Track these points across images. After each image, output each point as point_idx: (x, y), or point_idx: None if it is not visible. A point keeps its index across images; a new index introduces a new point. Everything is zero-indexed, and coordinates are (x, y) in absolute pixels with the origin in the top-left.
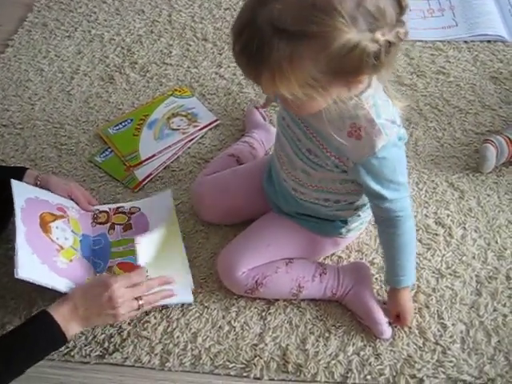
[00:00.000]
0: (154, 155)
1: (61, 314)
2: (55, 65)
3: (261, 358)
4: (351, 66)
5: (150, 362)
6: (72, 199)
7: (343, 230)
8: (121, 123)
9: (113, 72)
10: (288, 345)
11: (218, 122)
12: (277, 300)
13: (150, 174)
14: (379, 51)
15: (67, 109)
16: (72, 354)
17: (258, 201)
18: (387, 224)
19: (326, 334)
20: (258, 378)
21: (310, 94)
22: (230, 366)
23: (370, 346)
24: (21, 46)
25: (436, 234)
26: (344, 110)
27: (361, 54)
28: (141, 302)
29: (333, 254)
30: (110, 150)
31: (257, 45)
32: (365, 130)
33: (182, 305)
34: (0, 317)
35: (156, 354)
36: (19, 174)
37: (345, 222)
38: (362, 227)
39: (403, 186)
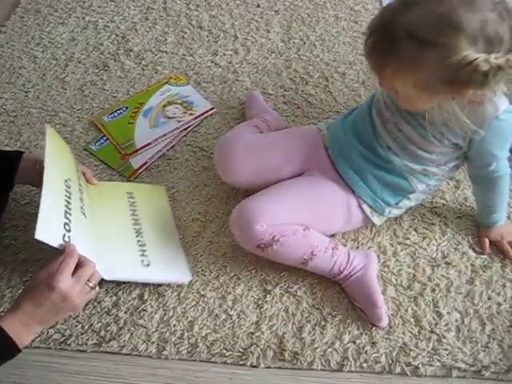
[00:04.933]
0: (149, 143)
1: (14, 328)
2: (49, 52)
3: (257, 346)
4: (461, 79)
5: (146, 350)
6: None
7: (387, 210)
8: (116, 111)
9: (107, 59)
10: (284, 333)
11: (214, 110)
12: (274, 288)
13: (146, 163)
14: (488, 72)
15: (61, 96)
16: (68, 342)
17: (293, 168)
18: (487, 183)
19: (323, 323)
20: (255, 366)
21: (420, 94)
22: (227, 354)
23: (366, 334)
24: (13, 33)
25: (432, 224)
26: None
27: (473, 70)
28: (91, 284)
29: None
30: (105, 138)
31: (389, 43)
32: (486, 97)
33: (179, 294)
34: None
35: (153, 343)
36: (14, 159)
37: (394, 203)
38: (395, 214)
39: (508, 149)
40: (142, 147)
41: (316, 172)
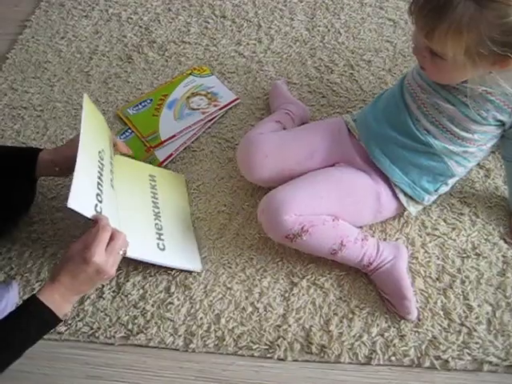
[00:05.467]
0: (174, 135)
1: (52, 300)
2: (73, 45)
3: (284, 339)
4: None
5: (173, 343)
6: None
7: (426, 197)
8: (140, 103)
9: (131, 52)
10: (311, 326)
11: (239, 100)
12: (301, 280)
13: (171, 155)
14: None
15: (86, 89)
16: (97, 335)
17: (314, 163)
18: None
19: (350, 315)
20: (282, 359)
21: (466, 62)
22: (254, 347)
23: (394, 327)
24: (38, 27)
25: (461, 214)
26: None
27: None
28: (121, 252)
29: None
30: (130, 130)
31: (445, 0)
32: None
33: (205, 286)
34: None
35: (180, 336)
36: (30, 159)
37: (434, 190)
38: (430, 201)
39: None
40: (167, 139)
41: (343, 164)
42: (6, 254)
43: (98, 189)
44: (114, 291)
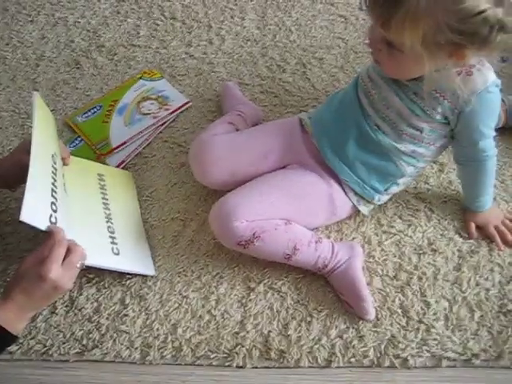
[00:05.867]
0: (125, 142)
1: (6, 318)
2: (19, 52)
3: (243, 347)
4: (469, 30)
5: (130, 356)
6: None
7: (376, 197)
8: (89, 110)
9: (79, 57)
10: (270, 331)
11: (190, 103)
12: (257, 285)
13: (123, 162)
14: (493, 28)
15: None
16: (50, 352)
17: (268, 163)
18: (474, 165)
19: (308, 318)
20: (241, 367)
21: (422, 54)
22: (212, 356)
23: (353, 328)
24: None
25: (417, 210)
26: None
27: (481, 21)
28: (78, 265)
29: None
30: (79, 138)
31: None
32: (475, 68)
33: (161, 296)
34: None
35: (136, 348)
36: None
37: (383, 190)
38: (384, 201)
39: (494, 127)
40: (118, 146)
41: (296, 166)
42: None
43: (53, 196)
44: (67, 306)
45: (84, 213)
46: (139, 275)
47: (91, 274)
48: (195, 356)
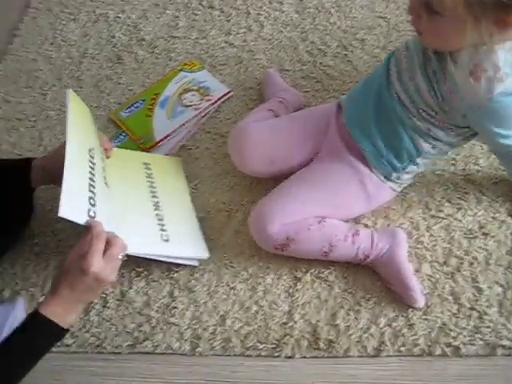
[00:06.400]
0: (168, 135)
1: (55, 313)
2: (63, 50)
3: (291, 337)
4: None
5: (180, 348)
6: None
7: (394, 174)
8: (132, 105)
9: (120, 52)
10: (318, 321)
11: (232, 93)
12: (304, 275)
13: (167, 155)
14: None
15: (78, 95)
16: (104, 345)
17: (307, 152)
18: (502, 156)
19: (356, 307)
20: (290, 357)
21: (467, 17)
22: (261, 346)
23: (402, 316)
24: (27, 35)
25: (466, 193)
26: (475, 53)
27: None
28: (120, 257)
29: (358, 222)
30: (124, 133)
31: None
32: (486, 74)
33: (209, 288)
34: None
35: (186, 340)
36: (24, 169)
37: (401, 167)
38: (403, 184)
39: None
40: (162, 139)
41: (325, 153)
42: (10, 270)
43: (91, 191)
44: (118, 299)
45: (130, 203)
46: (189, 265)
47: (140, 268)
48: (244, 347)
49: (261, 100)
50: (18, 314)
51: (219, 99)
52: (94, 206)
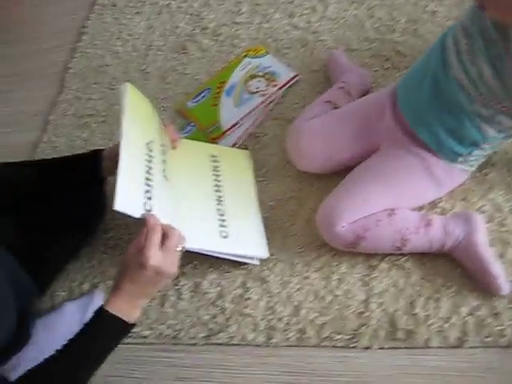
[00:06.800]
0: (235, 123)
1: (120, 309)
2: (129, 44)
3: (368, 327)
4: None
5: (255, 339)
6: None
7: (460, 159)
8: (199, 94)
9: (185, 41)
10: (396, 310)
11: (298, 77)
12: (380, 262)
13: (235, 144)
14: None
15: (145, 88)
16: (180, 336)
17: (361, 145)
18: None
19: (436, 295)
20: (367, 348)
21: None
22: (337, 337)
23: (486, 305)
24: (95, 32)
25: None
26: None
27: None
28: (178, 249)
29: (435, 206)
30: (192, 124)
31: None
32: None
33: (282, 278)
34: None
35: (261, 331)
36: (95, 159)
37: (465, 153)
38: (471, 167)
39: None
40: (229, 128)
41: (385, 143)
42: (88, 264)
43: (147, 185)
44: (191, 291)
45: (192, 196)
46: (246, 263)
47: (212, 259)
48: (319, 338)
49: (328, 82)
50: (97, 306)
51: (286, 84)
52: (150, 199)
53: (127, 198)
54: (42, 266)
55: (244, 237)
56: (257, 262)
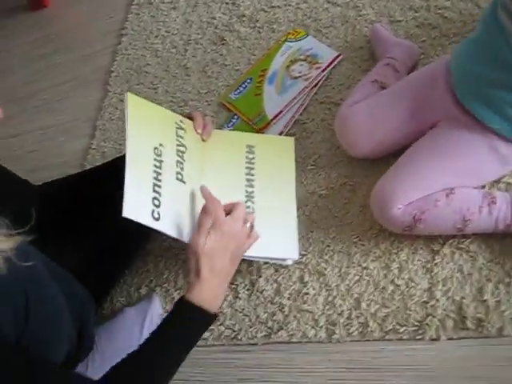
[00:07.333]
0: (281, 111)
1: (202, 299)
2: (167, 41)
3: (434, 317)
4: None
5: (316, 335)
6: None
7: None
8: (240, 85)
9: (223, 32)
10: (463, 297)
11: (341, 56)
12: (442, 247)
13: (281, 133)
14: None
15: (187, 84)
16: (239, 337)
17: (414, 125)
18: None
19: (506, 280)
20: (435, 339)
21: None
22: (401, 329)
23: None
24: (134, 32)
25: None
26: None
27: None
28: (249, 224)
29: (499, 181)
30: (236, 116)
31: None
32: None
33: (340, 270)
34: (169, 309)
35: (321, 327)
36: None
37: None
38: None
39: None
40: (275, 117)
41: (443, 122)
42: (144, 268)
43: (155, 191)
44: (248, 289)
45: (218, 193)
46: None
47: None
48: (383, 331)
49: (373, 59)
50: (155, 310)
51: (329, 65)
52: (158, 206)
53: (134, 205)
54: (98, 279)
55: (272, 237)
56: (289, 263)
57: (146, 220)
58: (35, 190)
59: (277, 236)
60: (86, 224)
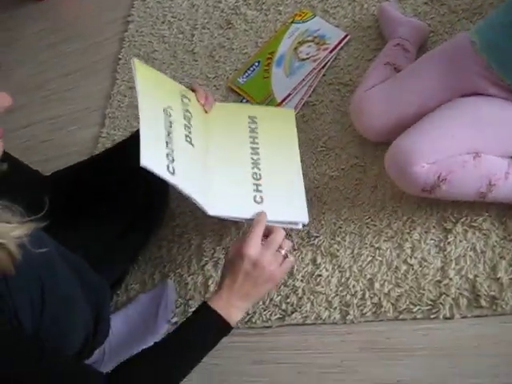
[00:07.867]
0: (289, 94)
1: (219, 305)
2: (174, 27)
3: (448, 296)
4: None
5: (330, 317)
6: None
7: None
8: (248, 69)
9: (229, 15)
10: (476, 276)
11: (349, 36)
12: (454, 226)
13: (278, 107)
14: None
15: (195, 69)
16: (253, 320)
17: (437, 100)
18: None
19: None
20: (449, 318)
21: None
22: (415, 309)
23: None
24: (140, 19)
25: None
26: None
27: None
28: (283, 252)
29: None
30: (244, 100)
31: None
32: None
33: (352, 251)
34: (183, 294)
35: (335, 308)
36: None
37: None
38: None
39: None
40: (284, 99)
41: (468, 94)
42: (157, 253)
43: (168, 148)
44: None
45: (224, 161)
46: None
47: None
48: (397, 311)
49: (382, 39)
50: (170, 296)
51: (337, 46)
52: (172, 161)
53: (151, 156)
54: (111, 266)
55: (280, 201)
56: (299, 227)
57: (163, 172)
58: (47, 178)
59: (286, 200)
60: (97, 209)
